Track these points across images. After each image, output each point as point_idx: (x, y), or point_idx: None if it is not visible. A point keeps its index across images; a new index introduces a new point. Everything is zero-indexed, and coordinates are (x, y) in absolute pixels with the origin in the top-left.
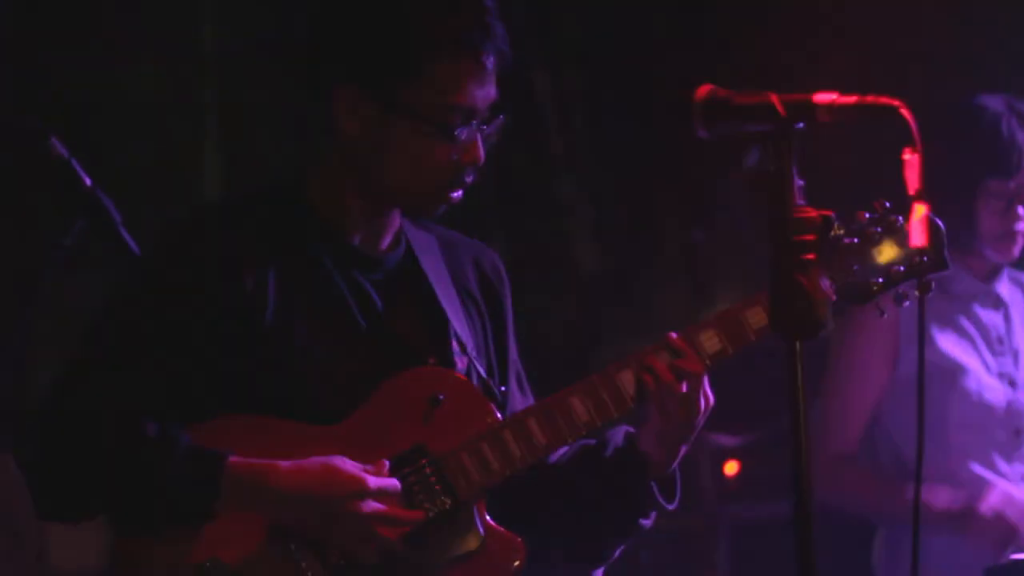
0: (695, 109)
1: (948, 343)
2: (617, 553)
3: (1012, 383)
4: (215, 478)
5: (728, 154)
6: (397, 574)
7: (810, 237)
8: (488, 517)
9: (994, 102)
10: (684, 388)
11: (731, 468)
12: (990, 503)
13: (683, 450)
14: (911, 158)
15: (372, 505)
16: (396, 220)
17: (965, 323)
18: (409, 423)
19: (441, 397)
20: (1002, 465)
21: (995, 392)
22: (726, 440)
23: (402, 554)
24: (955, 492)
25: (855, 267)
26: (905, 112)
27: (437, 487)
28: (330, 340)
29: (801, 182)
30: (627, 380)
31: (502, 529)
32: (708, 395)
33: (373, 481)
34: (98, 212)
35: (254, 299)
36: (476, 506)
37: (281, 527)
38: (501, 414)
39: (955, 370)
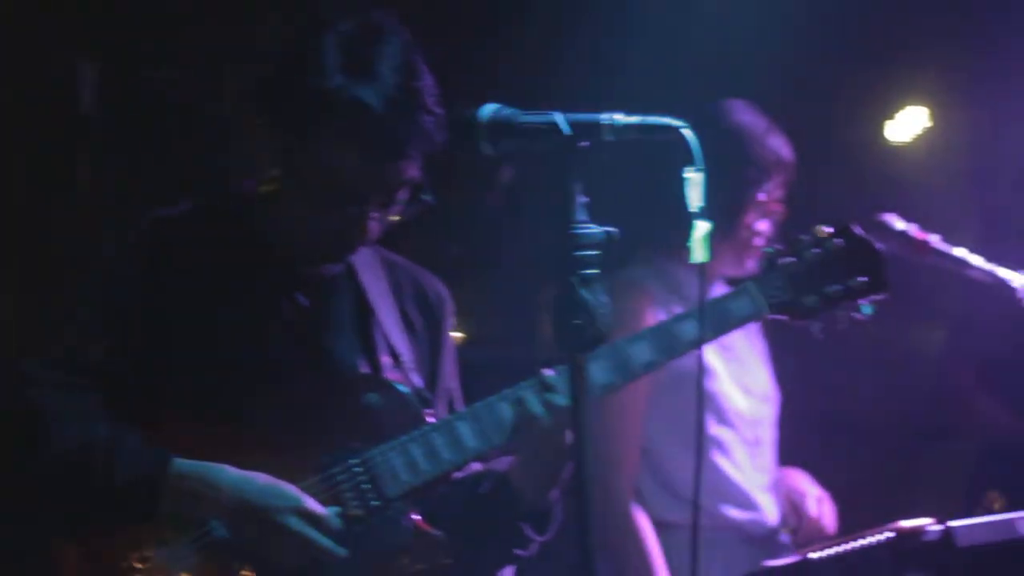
0: (480, 127)
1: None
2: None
3: (747, 391)
4: (159, 478)
5: (489, 170)
6: (327, 572)
7: (592, 252)
8: (417, 516)
9: (751, 116)
10: (553, 423)
11: None
12: None
13: (554, 484)
14: (693, 177)
15: (300, 526)
16: None
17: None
18: (341, 426)
19: (373, 401)
20: (749, 472)
21: (738, 398)
22: None
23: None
24: None
25: (792, 287)
26: (686, 132)
27: (366, 486)
28: (266, 348)
29: (585, 199)
30: (505, 410)
31: (431, 528)
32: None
33: (309, 504)
34: None
35: (193, 308)
36: (404, 505)
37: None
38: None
39: (706, 374)
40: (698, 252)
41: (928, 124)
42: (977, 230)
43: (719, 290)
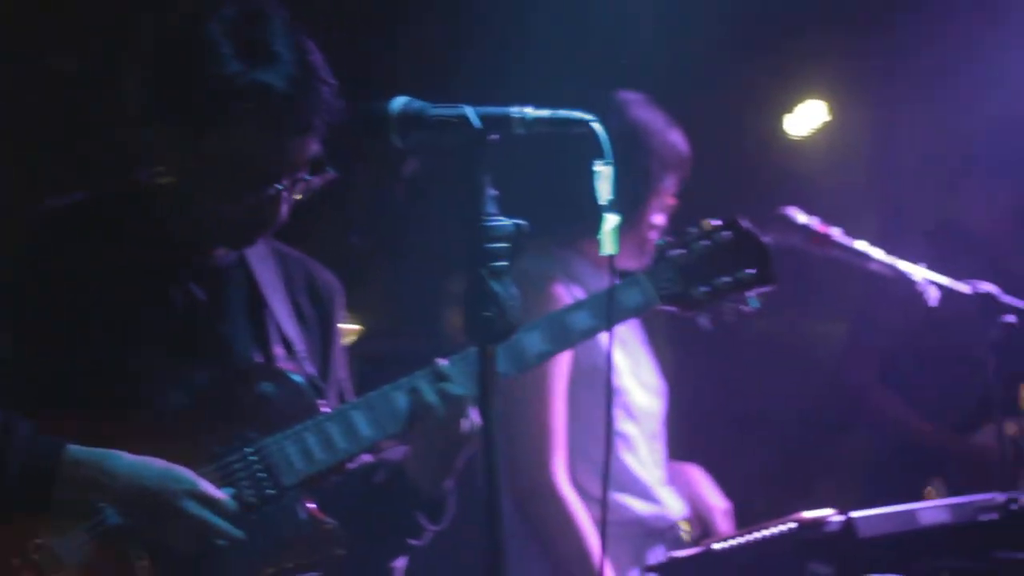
0: (390, 120)
1: (605, 340)
2: (399, 565)
3: (644, 385)
4: (52, 466)
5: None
6: (221, 560)
7: (501, 245)
8: (312, 505)
9: (650, 112)
10: (448, 412)
11: None
12: None
13: (450, 474)
14: (602, 171)
15: (197, 509)
16: None
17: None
18: (236, 415)
19: (267, 391)
20: (651, 467)
21: (638, 394)
22: None
23: (226, 542)
24: None
25: (681, 278)
26: (596, 126)
27: (262, 475)
28: (160, 339)
29: (495, 192)
30: (401, 399)
31: (324, 517)
32: (475, 420)
33: (206, 487)
34: None
35: (85, 298)
36: (299, 494)
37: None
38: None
39: (608, 369)
40: (608, 245)
41: (827, 118)
42: (876, 224)
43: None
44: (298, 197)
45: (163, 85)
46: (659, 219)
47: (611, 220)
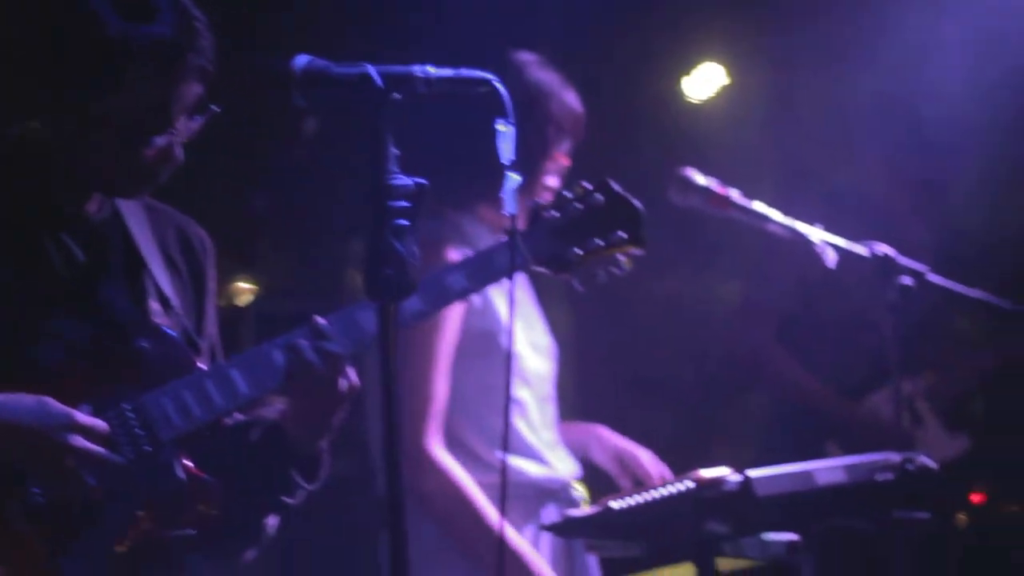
0: (293, 77)
1: (503, 308)
2: (273, 524)
3: (536, 348)
4: None
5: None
6: (96, 515)
7: (404, 203)
8: (188, 462)
9: (547, 73)
10: (326, 370)
11: None
12: None
13: (327, 433)
14: (504, 130)
15: (78, 441)
16: None
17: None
18: (112, 372)
19: (144, 347)
20: (541, 430)
21: (531, 357)
22: None
23: (103, 495)
24: None
25: (555, 240)
26: (498, 86)
27: (138, 431)
28: (36, 296)
29: (397, 151)
30: (279, 356)
31: (202, 474)
32: (352, 379)
33: (81, 418)
34: None
35: None
36: (176, 450)
37: None
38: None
39: (500, 333)
40: (509, 204)
41: (725, 81)
42: (773, 186)
43: None
44: (187, 139)
45: (39, 52)
46: (553, 181)
47: (513, 180)
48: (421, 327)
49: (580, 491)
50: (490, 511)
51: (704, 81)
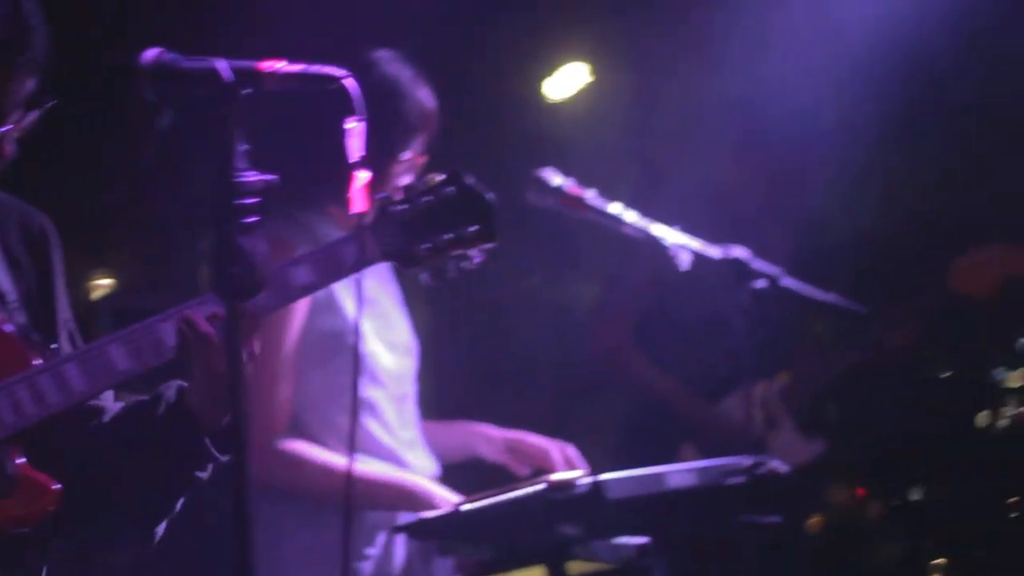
0: (142, 72)
1: (350, 306)
2: (178, 506)
3: (392, 346)
4: None
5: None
6: None
7: (251, 201)
8: (22, 460)
9: (401, 67)
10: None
11: None
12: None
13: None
14: (353, 127)
15: None
16: None
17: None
18: None
19: None
20: (397, 430)
21: (385, 356)
22: None
23: None
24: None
25: (403, 233)
26: (348, 83)
27: None
28: None
29: (245, 147)
30: (168, 330)
31: (36, 473)
32: (252, 347)
33: None
34: None
35: None
36: (8, 449)
37: None
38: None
39: (351, 333)
40: (357, 202)
41: (588, 80)
42: (637, 187)
43: None
44: (21, 133)
45: None
46: (407, 179)
47: (361, 177)
48: (266, 323)
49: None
50: (338, 460)
51: (567, 81)
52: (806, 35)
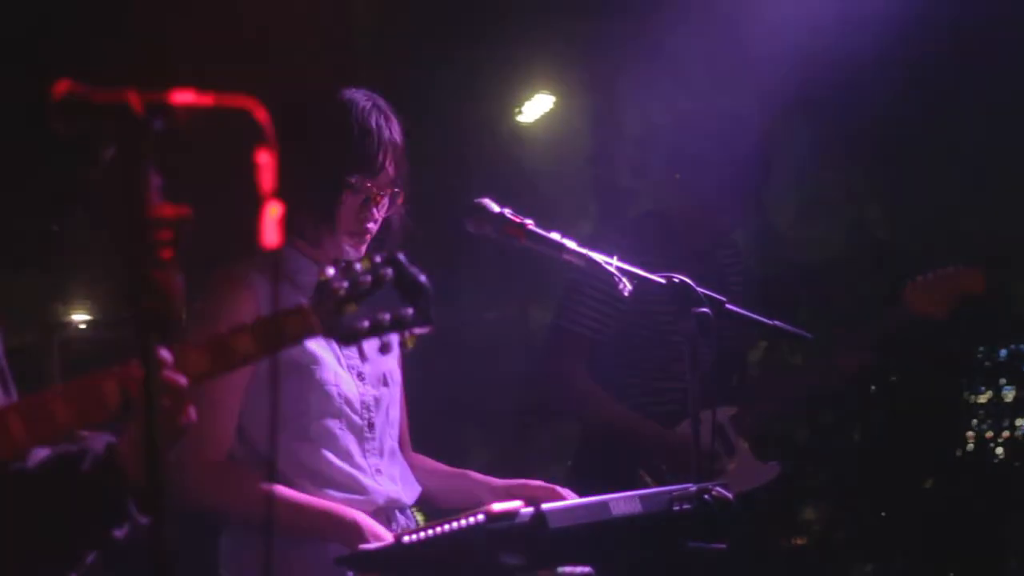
0: (53, 106)
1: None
2: (90, 560)
3: (361, 376)
4: None
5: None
6: None
7: (166, 235)
8: None
9: (361, 97)
10: (166, 402)
11: None
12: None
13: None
14: (265, 159)
15: None
16: None
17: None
18: None
19: None
20: (358, 457)
21: (349, 384)
22: None
23: None
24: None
25: (344, 310)
26: (259, 114)
27: None
28: None
29: (159, 180)
30: (111, 388)
31: None
32: (190, 413)
33: None
34: None
35: None
36: None
37: None
38: None
39: (311, 362)
40: (269, 236)
41: (549, 107)
42: (597, 212)
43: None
44: None
45: None
46: (370, 211)
47: (272, 210)
48: None
49: (408, 518)
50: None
51: (532, 108)
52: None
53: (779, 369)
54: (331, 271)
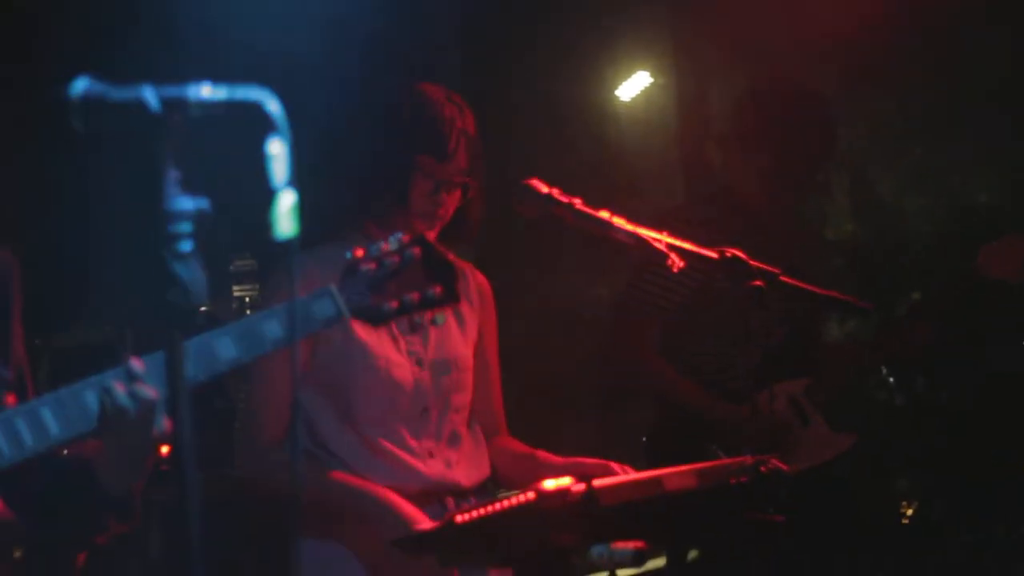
0: (71, 103)
1: (358, 322)
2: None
3: (420, 362)
4: None
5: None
6: None
7: (185, 228)
8: None
9: (436, 89)
10: (139, 414)
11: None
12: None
13: (138, 475)
14: (278, 151)
15: None
16: None
17: None
18: None
19: None
20: (411, 441)
21: (403, 370)
22: None
23: None
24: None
25: (371, 293)
26: (272, 105)
27: None
28: None
29: (178, 174)
30: (92, 398)
31: (9, 513)
32: (162, 423)
33: None
34: None
35: None
36: None
37: None
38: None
39: (364, 348)
40: (285, 226)
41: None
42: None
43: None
44: None
45: None
46: (439, 197)
47: (287, 201)
48: None
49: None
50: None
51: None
52: None
53: (853, 340)
54: (358, 253)
